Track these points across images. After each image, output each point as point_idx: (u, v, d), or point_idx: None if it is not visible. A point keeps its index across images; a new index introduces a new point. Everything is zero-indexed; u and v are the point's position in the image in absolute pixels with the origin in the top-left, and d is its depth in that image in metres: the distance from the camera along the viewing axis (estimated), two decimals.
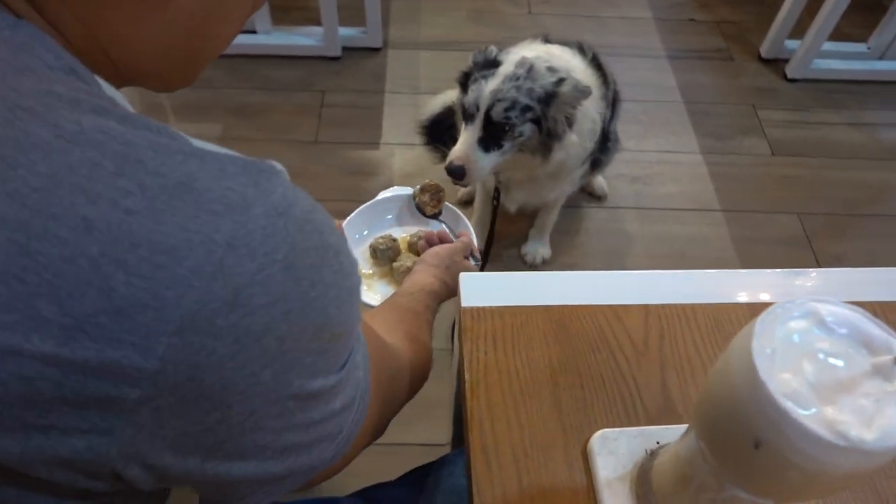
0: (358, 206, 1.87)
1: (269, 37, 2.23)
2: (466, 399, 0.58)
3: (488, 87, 1.22)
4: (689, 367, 0.61)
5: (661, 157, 2.06)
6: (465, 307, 0.64)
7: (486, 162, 1.27)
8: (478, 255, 0.98)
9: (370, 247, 1.00)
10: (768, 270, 0.70)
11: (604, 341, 0.62)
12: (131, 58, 0.45)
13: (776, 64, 2.33)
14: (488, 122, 1.23)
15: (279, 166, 0.45)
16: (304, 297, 0.38)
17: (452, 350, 1.57)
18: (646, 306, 0.65)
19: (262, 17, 2.18)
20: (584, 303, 0.65)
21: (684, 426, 0.53)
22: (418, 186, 1.06)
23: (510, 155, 1.30)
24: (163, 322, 0.34)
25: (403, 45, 2.33)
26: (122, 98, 0.45)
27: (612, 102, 1.53)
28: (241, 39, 2.21)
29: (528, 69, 1.23)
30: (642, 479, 0.52)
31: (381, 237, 1.00)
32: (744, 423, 0.35)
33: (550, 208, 1.71)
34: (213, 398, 0.37)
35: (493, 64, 1.26)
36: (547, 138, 1.28)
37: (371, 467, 1.41)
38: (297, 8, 2.38)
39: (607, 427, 0.56)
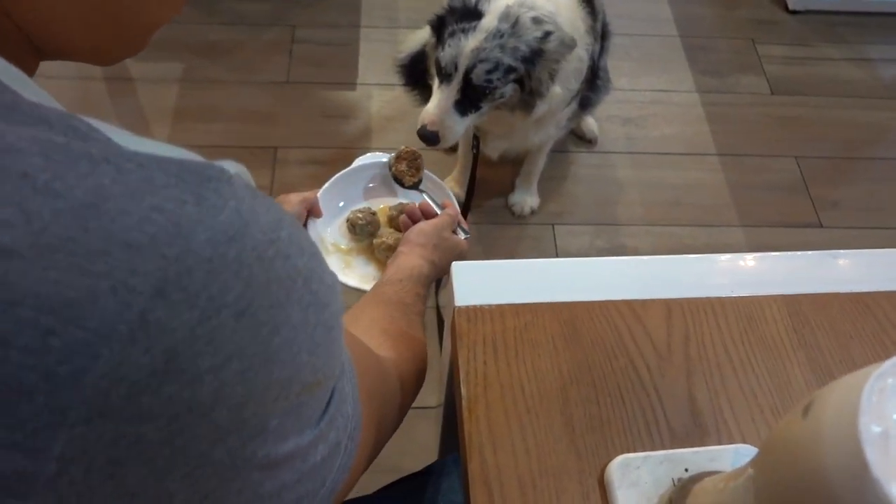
0: (333, 153, 1.76)
1: None
2: (464, 421, 0.50)
3: (469, 44, 1.08)
4: (720, 374, 0.53)
5: (654, 96, 1.95)
6: (459, 307, 0.55)
7: (462, 126, 1.16)
8: (466, 226, 0.90)
9: (347, 220, 0.92)
10: (801, 253, 0.62)
11: (620, 345, 0.54)
12: (42, 23, 0.34)
13: None
14: (467, 84, 1.11)
15: (234, 167, 0.35)
16: (266, 349, 0.29)
17: (440, 337, 1.51)
18: (667, 301, 0.56)
19: None
20: (596, 297, 0.56)
21: (716, 448, 0.46)
22: (393, 155, 0.97)
23: (488, 114, 1.19)
24: (58, 411, 0.24)
25: None
26: (25, 81, 0.33)
27: (602, 36, 1.40)
28: None
29: (513, 23, 1.09)
30: None
31: (360, 210, 0.92)
32: None
33: (537, 154, 1.60)
34: (145, 492, 0.28)
35: (474, 14, 1.11)
36: (529, 96, 1.17)
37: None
38: None
39: (627, 451, 0.49)
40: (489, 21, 1.09)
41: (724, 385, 0.53)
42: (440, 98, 1.14)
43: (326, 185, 0.95)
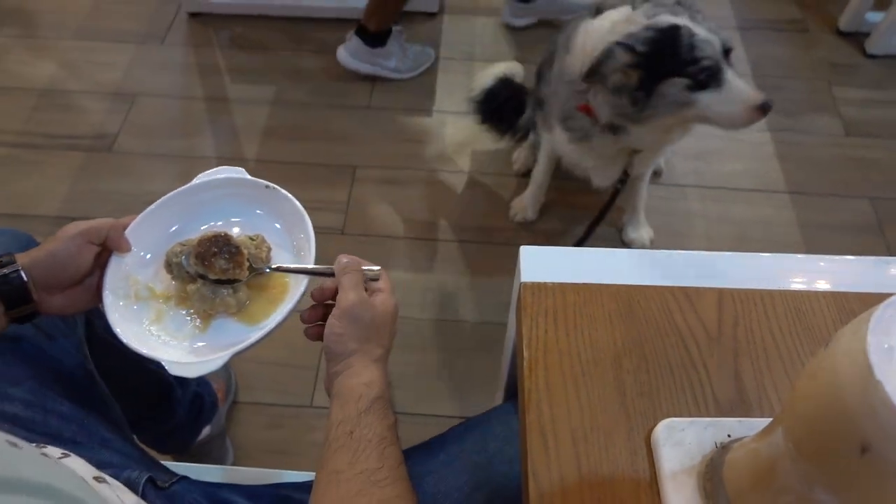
0: (408, 174, 1.86)
1: None
2: (524, 378, 0.55)
3: (707, 34, 1.11)
4: (766, 357, 0.57)
5: (724, 132, 1.96)
6: (524, 282, 0.61)
7: None
8: (373, 266, 0.73)
9: (165, 256, 0.71)
10: (854, 258, 0.65)
11: (672, 325, 0.59)
12: None
13: (855, 38, 2.18)
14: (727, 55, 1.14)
15: None
16: None
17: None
18: (719, 290, 0.61)
19: None
20: (652, 283, 0.61)
21: (759, 420, 0.50)
22: (181, 247, 0.71)
23: None
24: None
25: (460, 10, 2.27)
26: None
27: None
28: (298, 1, 2.19)
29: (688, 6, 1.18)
30: (712, 475, 0.48)
31: (183, 243, 0.71)
32: (850, 426, 0.32)
33: (640, 184, 1.63)
34: None
35: (669, 29, 1.12)
36: None
37: (411, 435, 1.41)
38: None
39: (674, 416, 0.53)
40: (678, 20, 1.13)
41: (770, 367, 0.56)
42: (732, 82, 1.14)
43: (151, 207, 0.75)
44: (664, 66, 1.11)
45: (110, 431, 0.72)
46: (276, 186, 0.78)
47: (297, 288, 0.71)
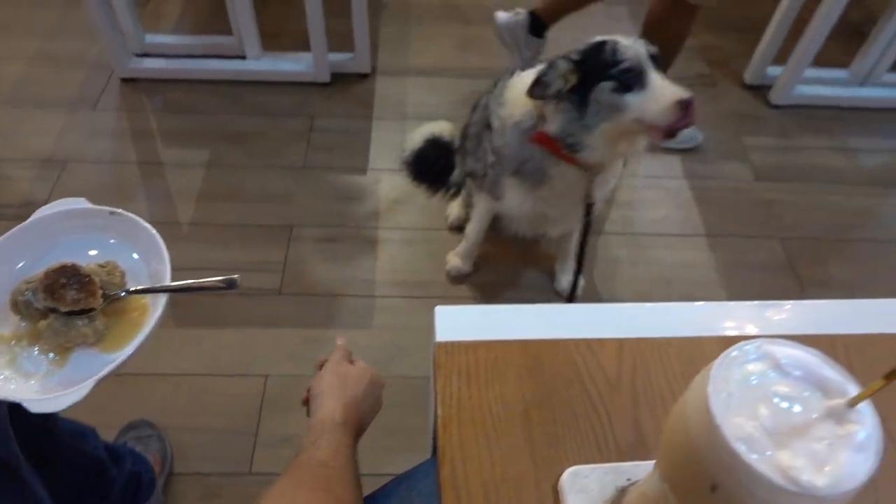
0: (344, 231, 1.89)
1: (259, 62, 2.25)
2: (439, 435, 0.58)
3: (632, 42, 1.22)
4: (661, 403, 0.61)
5: (647, 182, 2.08)
6: (439, 342, 0.64)
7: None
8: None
9: (11, 296, 0.70)
10: (741, 303, 0.71)
11: (577, 376, 0.63)
12: None
13: (760, 90, 2.36)
14: (654, 61, 1.22)
15: None
16: None
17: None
18: (620, 340, 0.65)
19: (251, 42, 2.20)
20: (558, 336, 0.65)
21: (652, 463, 0.53)
22: (27, 284, 0.70)
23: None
24: None
25: (392, 71, 2.35)
26: None
27: None
28: (232, 65, 2.24)
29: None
30: None
31: (29, 280, 0.69)
32: (701, 466, 0.36)
33: (574, 232, 1.69)
34: None
35: (597, 46, 1.25)
36: None
37: None
38: (287, 34, 2.41)
39: (579, 463, 0.56)
40: (614, 37, 1.24)
41: (665, 412, 0.60)
42: (658, 82, 1.21)
43: None
44: (594, 72, 1.22)
45: None
46: (121, 211, 0.77)
47: (156, 307, 0.71)
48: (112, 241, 0.78)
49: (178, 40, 2.35)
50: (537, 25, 2.11)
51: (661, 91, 1.21)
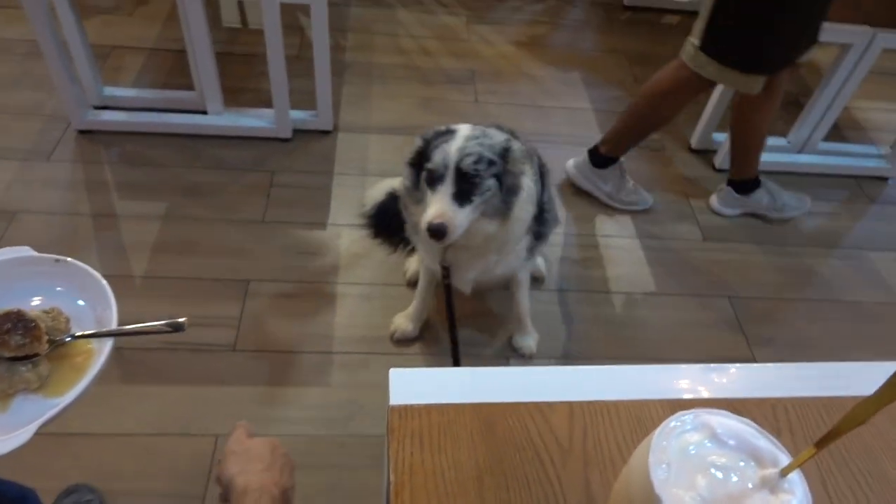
0: (302, 287, 1.88)
1: (220, 118, 2.26)
2: (391, 501, 0.57)
3: (453, 146, 1.29)
4: (612, 466, 0.62)
5: (601, 241, 2.14)
6: (392, 405, 0.64)
7: (463, 217, 1.31)
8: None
9: None
10: (688, 366, 0.73)
11: (529, 440, 0.63)
12: None
13: (705, 154, 2.48)
14: (459, 176, 1.29)
15: None
16: None
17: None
18: (570, 403, 0.66)
19: (213, 98, 2.22)
20: (510, 400, 0.66)
21: None
22: None
23: (476, 214, 1.34)
24: None
25: (353, 128, 2.40)
26: None
27: (541, 175, 1.60)
28: (192, 119, 2.24)
29: (483, 132, 1.35)
30: None
31: None
32: None
33: (519, 295, 1.74)
34: None
35: (449, 132, 1.35)
36: (507, 195, 1.36)
37: None
38: (249, 90, 2.44)
39: None
40: (463, 132, 1.34)
41: (616, 475, 0.61)
42: (439, 196, 1.30)
43: None
44: (422, 159, 1.35)
45: None
46: (66, 258, 0.78)
47: (102, 352, 0.71)
48: (58, 288, 0.78)
49: (139, 93, 2.35)
50: (600, 160, 2.19)
51: (430, 206, 1.32)
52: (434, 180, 1.32)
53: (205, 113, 2.26)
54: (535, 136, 2.47)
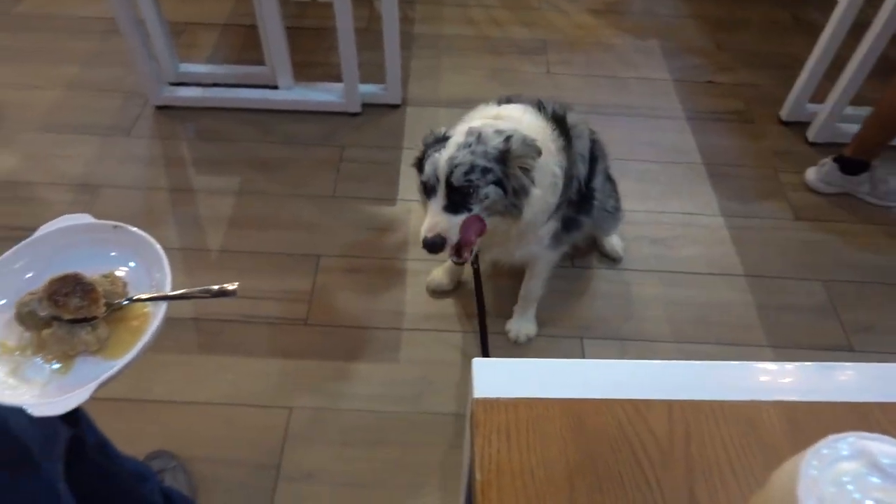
0: (371, 262, 1.87)
1: (291, 92, 2.26)
2: (477, 501, 0.54)
3: (443, 157, 1.24)
4: (719, 473, 0.57)
5: (682, 218, 2.03)
6: (477, 398, 0.60)
7: (457, 222, 1.27)
8: None
9: (16, 308, 0.72)
10: (800, 364, 0.66)
11: (624, 439, 0.58)
12: None
13: (797, 127, 2.31)
14: (450, 189, 1.24)
15: None
16: None
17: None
18: (669, 402, 0.61)
19: (283, 72, 2.22)
20: (603, 396, 0.61)
21: None
22: (30, 296, 0.72)
23: (486, 220, 1.30)
24: None
25: (422, 102, 2.35)
26: None
27: (591, 159, 1.51)
28: (263, 94, 2.25)
29: (477, 136, 1.26)
30: None
31: (32, 292, 0.71)
32: None
33: (531, 280, 1.66)
34: None
35: (443, 139, 1.29)
36: (514, 197, 1.29)
37: None
38: (319, 64, 2.43)
39: None
40: (456, 139, 1.27)
41: (724, 484, 0.56)
42: (431, 210, 1.27)
43: None
44: (422, 164, 1.31)
45: None
46: (124, 225, 0.81)
47: (157, 315, 0.73)
48: (114, 253, 0.81)
49: (212, 69, 2.37)
50: (850, 166, 2.06)
51: (427, 218, 1.26)
52: (427, 191, 1.28)
53: (276, 88, 2.26)
54: (610, 109, 2.37)
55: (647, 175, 2.15)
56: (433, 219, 1.26)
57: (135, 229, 0.80)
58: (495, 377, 0.62)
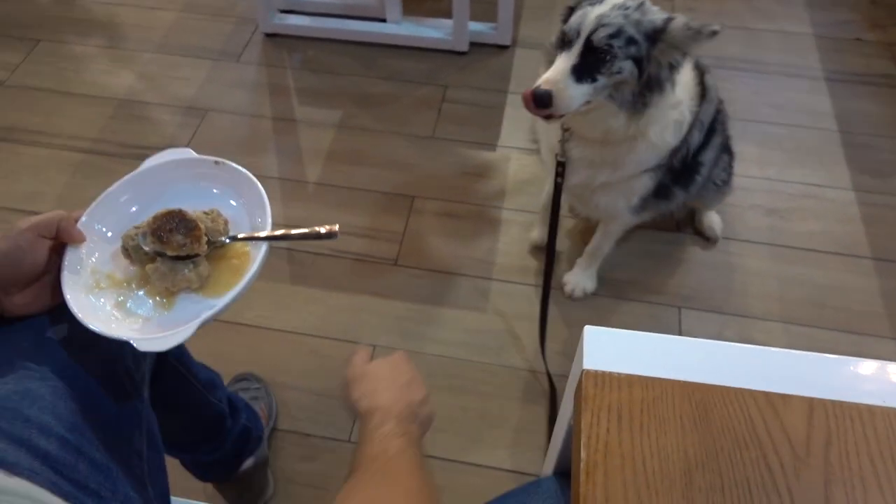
0: (467, 208, 1.82)
1: (398, 27, 2.20)
2: (580, 482, 0.49)
3: (594, 12, 1.10)
4: (862, 487, 0.49)
5: (805, 189, 1.85)
6: (587, 370, 0.55)
7: (577, 92, 1.12)
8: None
9: (122, 241, 0.72)
10: None
11: (754, 436, 0.52)
12: None
13: None
14: (588, 48, 1.10)
15: None
16: None
17: (547, 372, 1.47)
18: (811, 400, 0.53)
19: (392, 6, 2.15)
20: (732, 384, 0.54)
21: None
22: (136, 230, 0.72)
23: (601, 98, 1.16)
24: None
25: (532, 44, 2.23)
26: None
27: (709, 130, 1.35)
28: (371, 27, 2.20)
29: (640, 3, 1.12)
30: None
31: (139, 225, 0.72)
32: None
33: (603, 236, 1.56)
34: None
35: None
36: (645, 88, 1.14)
37: (456, 484, 1.36)
38: None
39: None
40: None
41: (867, 500, 0.49)
42: (558, 63, 1.13)
43: (103, 194, 0.77)
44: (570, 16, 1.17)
45: (134, 489, 0.69)
46: (225, 161, 0.78)
47: (257, 255, 0.72)
48: (216, 190, 0.80)
49: None
50: None
51: (550, 69, 1.12)
52: (563, 44, 1.13)
53: (383, 21, 2.21)
54: (738, 64, 2.17)
55: (769, 139, 1.97)
56: (555, 73, 1.12)
57: (236, 166, 0.79)
58: (610, 349, 0.56)
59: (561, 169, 1.34)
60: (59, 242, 0.70)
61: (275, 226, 0.75)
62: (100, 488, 0.62)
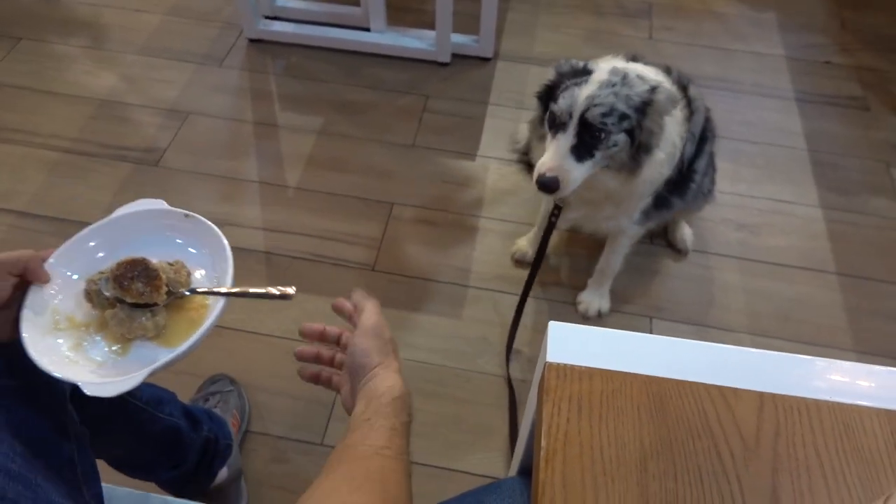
0: (444, 216, 1.85)
1: (382, 36, 2.23)
2: (539, 469, 0.51)
3: (583, 92, 1.15)
4: (808, 477, 0.52)
5: (774, 206, 1.91)
6: (550, 362, 0.57)
7: (580, 172, 1.18)
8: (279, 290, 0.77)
9: (86, 285, 0.74)
10: None
11: (707, 427, 0.54)
12: None
13: None
14: (582, 127, 1.15)
15: None
16: None
17: (508, 378, 1.49)
18: (761, 394, 0.56)
19: (377, 15, 2.18)
20: (687, 378, 0.57)
21: None
22: (100, 275, 0.74)
23: (597, 169, 1.21)
24: None
25: (514, 58, 2.28)
26: None
27: (701, 138, 1.41)
28: (355, 35, 2.23)
29: (623, 78, 1.17)
30: None
31: (104, 271, 0.74)
32: None
33: (612, 254, 1.59)
34: None
35: (584, 72, 1.20)
36: (637, 152, 1.20)
37: (429, 489, 1.36)
38: (413, 10, 2.38)
39: None
40: (600, 75, 1.17)
41: (812, 488, 0.51)
42: (556, 146, 1.17)
43: (74, 237, 0.78)
44: (551, 94, 1.23)
45: (65, 496, 0.69)
46: (195, 215, 0.80)
47: (215, 308, 0.73)
48: (180, 241, 0.81)
49: (307, 6, 2.36)
50: None
51: (546, 153, 1.18)
52: (556, 125, 1.18)
53: (367, 30, 2.23)
54: (713, 83, 2.23)
55: (741, 155, 2.02)
56: (556, 157, 1.17)
57: (203, 219, 0.80)
58: (572, 343, 0.59)
59: (557, 211, 1.38)
60: (25, 280, 0.71)
61: (239, 257, 0.77)
62: (18, 497, 0.62)
